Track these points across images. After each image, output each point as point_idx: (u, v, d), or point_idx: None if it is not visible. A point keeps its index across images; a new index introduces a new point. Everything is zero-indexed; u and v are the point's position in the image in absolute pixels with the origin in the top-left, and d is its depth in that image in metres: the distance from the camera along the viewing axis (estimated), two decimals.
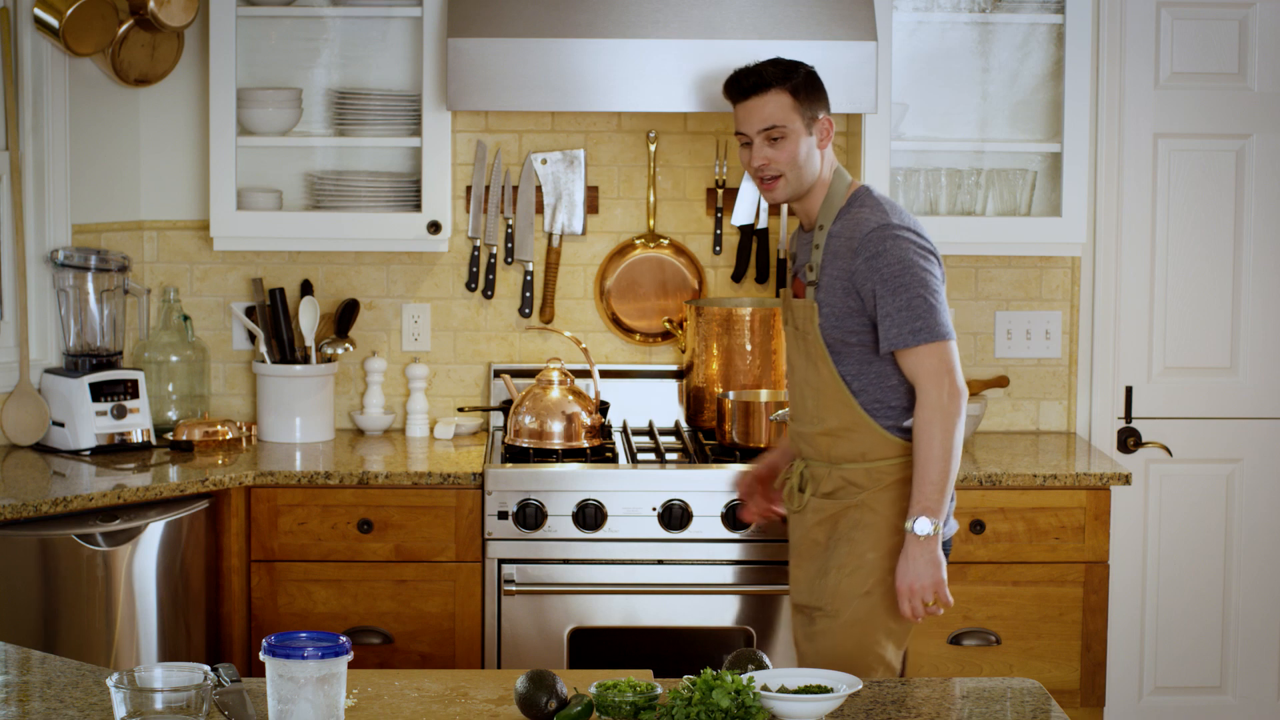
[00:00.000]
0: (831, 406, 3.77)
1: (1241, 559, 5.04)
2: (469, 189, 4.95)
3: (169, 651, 4.28)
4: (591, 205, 5.00)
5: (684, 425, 4.87)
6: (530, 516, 4.35)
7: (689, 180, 5.00)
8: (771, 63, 3.78)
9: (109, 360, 4.70)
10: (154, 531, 4.25)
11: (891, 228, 3.70)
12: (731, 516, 4.37)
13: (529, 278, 4.97)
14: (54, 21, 4.57)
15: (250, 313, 4.92)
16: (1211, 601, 5.04)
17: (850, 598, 3.71)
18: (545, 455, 4.50)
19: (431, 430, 4.95)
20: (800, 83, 3.76)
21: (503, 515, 4.37)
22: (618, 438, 4.75)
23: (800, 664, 3.80)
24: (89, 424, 4.59)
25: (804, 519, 3.83)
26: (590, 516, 4.37)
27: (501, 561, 4.38)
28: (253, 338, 4.92)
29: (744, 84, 3.78)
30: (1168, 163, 4.98)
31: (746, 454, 4.52)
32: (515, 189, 4.95)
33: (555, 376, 4.58)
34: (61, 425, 4.62)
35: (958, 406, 3.67)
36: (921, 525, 3.62)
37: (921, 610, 3.66)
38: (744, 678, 2.63)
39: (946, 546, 3.74)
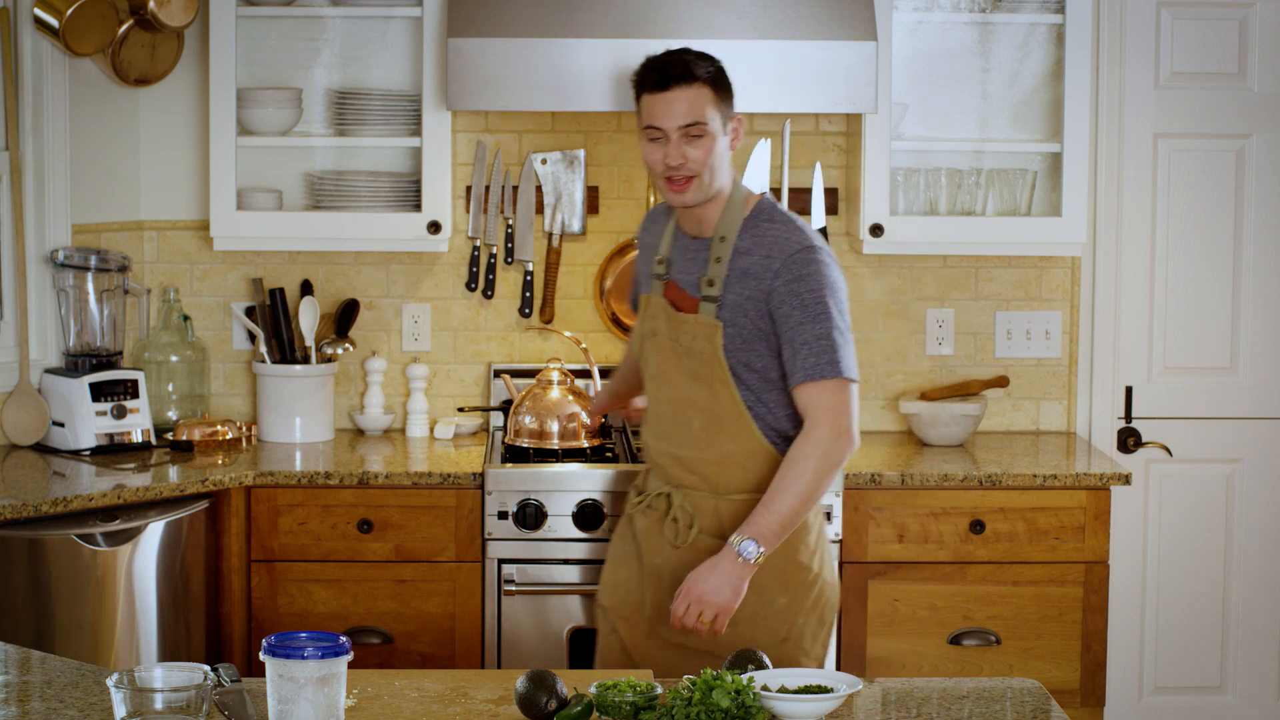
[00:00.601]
0: (729, 432, 3.56)
1: (1241, 559, 5.04)
2: (469, 189, 4.95)
3: (169, 651, 4.28)
4: (591, 205, 4.99)
5: None
6: (530, 516, 4.35)
7: None
8: (690, 53, 3.54)
9: (109, 360, 4.70)
10: (154, 531, 4.25)
11: (815, 250, 3.51)
12: None
13: (529, 278, 4.97)
14: (54, 21, 4.57)
15: (250, 313, 4.92)
16: (1211, 601, 5.04)
17: (767, 648, 3.49)
18: (545, 455, 4.50)
19: (431, 430, 4.95)
20: (719, 77, 3.54)
21: (503, 515, 4.37)
22: (618, 438, 4.75)
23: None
24: (89, 424, 4.59)
25: (683, 555, 3.60)
26: (590, 516, 4.36)
27: (501, 561, 4.38)
28: (253, 338, 4.92)
29: (668, 73, 3.50)
30: (1168, 163, 4.98)
31: None
32: (515, 189, 4.95)
33: (555, 376, 4.58)
34: (61, 425, 4.62)
35: (842, 454, 3.48)
36: (747, 549, 3.43)
37: (692, 622, 3.45)
38: (744, 678, 2.63)
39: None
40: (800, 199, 4.96)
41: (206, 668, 2.52)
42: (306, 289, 4.92)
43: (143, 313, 4.91)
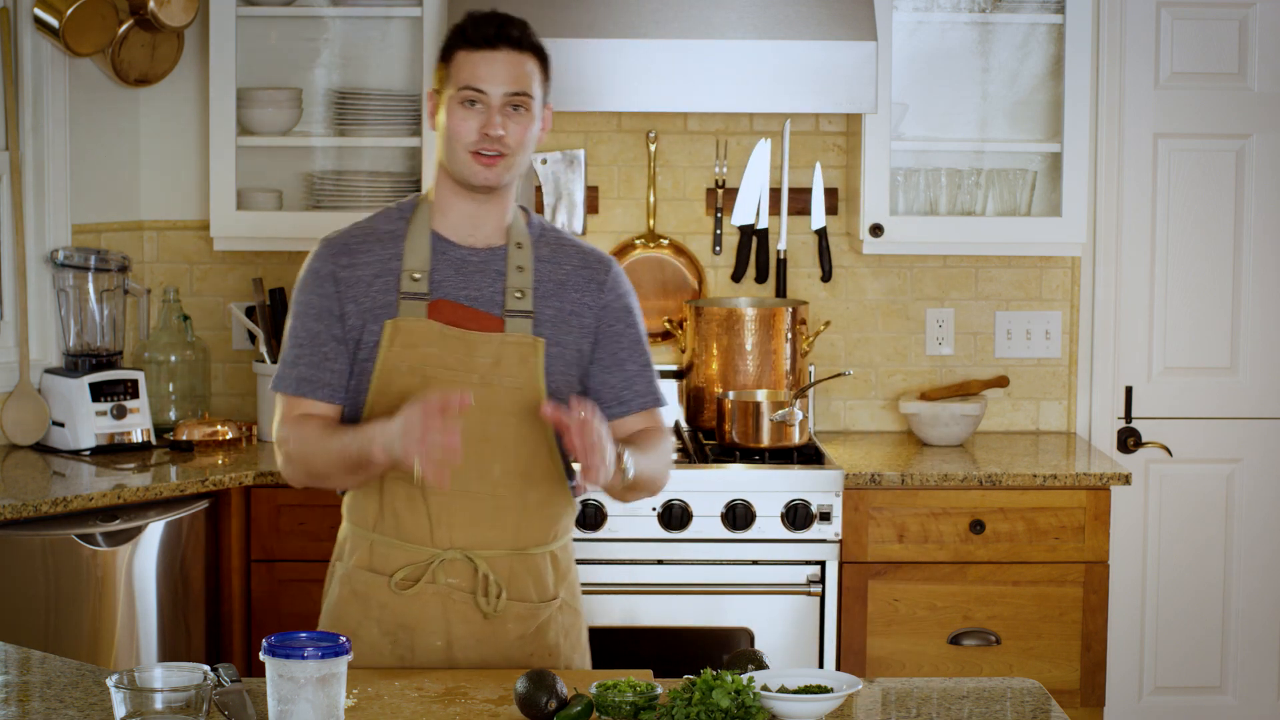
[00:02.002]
0: (534, 476, 3.07)
1: (1241, 559, 5.04)
2: None
3: (169, 651, 4.28)
4: (591, 205, 5.00)
5: (684, 425, 4.87)
6: (588, 516, 4.34)
7: (689, 180, 5.00)
8: (520, 19, 3.10)
9: (109, 360, 4.70)
10: (154, 531, 4.25)
11: (618, 263, 3.21)
12: (732, 516, 4.37)
13: None
14: (54, 21, 4.57)
15: (250, 313, 4.91)
16: (1211, 601, 5.04)
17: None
18: None
19: None
20: (545, 54, 3.11)
21: None
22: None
23: None
24: (89, 424, 4.59)
25: (500, 629, 3.09)
26: (590, 516, 4.36)
27: None
28: (253, 338, 4.92)
29: (503, 29, 3.04)
30: (1168, 163, 4.98)
31: (746, 454, 4.52)
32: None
33: None
34: (61, 425, 4.62)
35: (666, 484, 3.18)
36: (627, 462, 2.99)
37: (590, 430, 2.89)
38: (744, 678, 2.63)
39: None
40: (800, 199, 4.97)
41: (206, 668, 2.51)
42: None
43: (143, 313, 4.91)
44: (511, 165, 3.05)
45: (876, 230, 4.71)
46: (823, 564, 4.39)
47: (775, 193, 4.94)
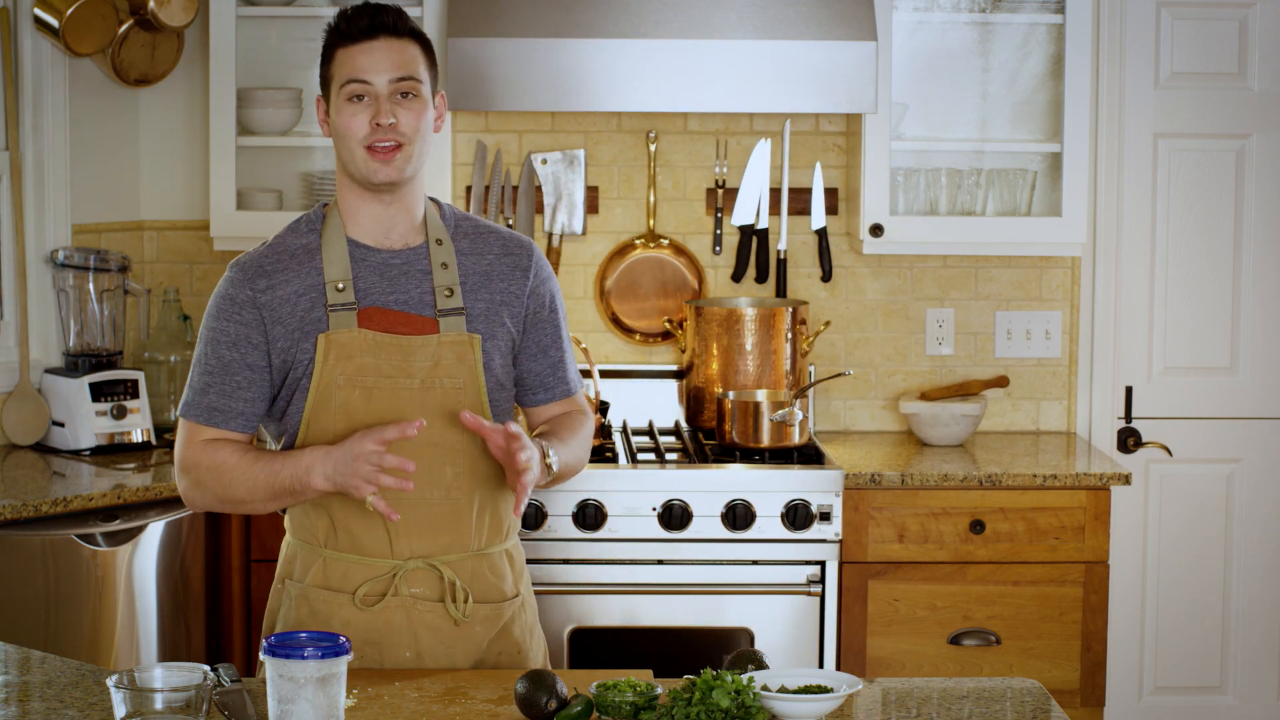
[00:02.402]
0: (484, 474, 3.04)
1: (1241, 559, 5.04)
2: (469, 189, 4.95)
3: (169, 651, 4.28)
4: (591, 205, 5.00)
5: (684, 425, 4.87)
6: (530, 516, 4.35)
7: (689, 180, 5.00)
8: (394, 6, 3.03)
9: (109, 360, 4.70)
10: (154, 531, 4.25)
11: (538, 247, 3.19)
12: (732, 516, 4.37)
13: None
14: (54, 21, 4.57)
15: None
16: (1211, 601, 5.04)
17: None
18: None
19: None
20: (426, 40, 3.05)
21: None
22: (617, 438, 4.75)
23: None
24: (89, 424, 4.59)
25: (468, 633, 3.06)
26: (590, 516, 4.36)
27: None
28: None
29: (377, 18, 2.97)
30: (1168, 163, 4.98)
31: (746, 454, 4.52)
32: (515, 189, 4.95)
33: None
34: (61, 425, 4.62)
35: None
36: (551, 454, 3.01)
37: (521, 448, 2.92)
38: (744, 678, 2.63)
39: None
40: (800, 199, 4.97)
41: (206, 668, 2.51)
42: None
43: (143, 313, 4.91)
44: (410, 155, 2.98)
45: (876, 230, 4.71)
46: (823, 564, 4.39)
47: (775, 193, 4.94)
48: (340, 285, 3.00)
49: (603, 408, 4.62)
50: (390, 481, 2.86)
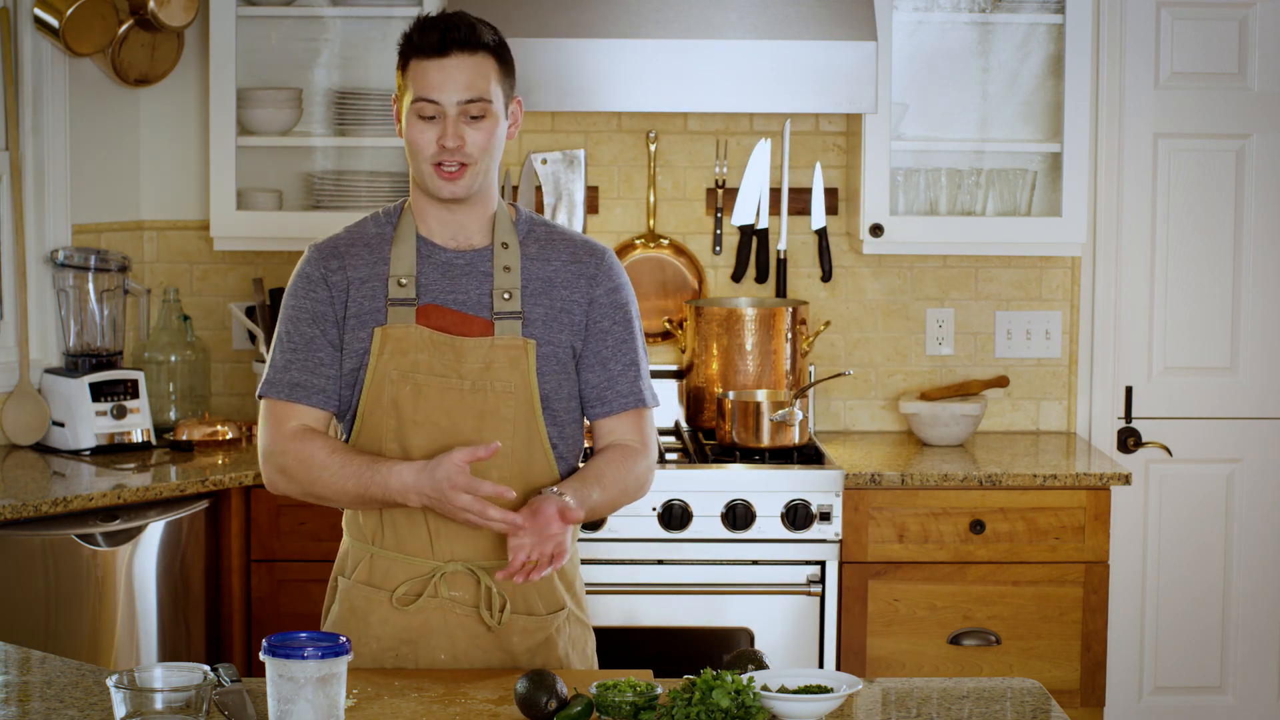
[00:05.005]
0: (535, 477, 3.01)
1: (1241, 559, 5.04)
2: None
3: (169, 651, 4.28)
4: (591, 205, 5.00)
5: (684, 425, 4.87)
6: None
7: (689, 180, 5.00)
8: (470, 15, 2.99)
9: (109, 360, 4.70)
10: (154, 531, 4.25)
11: (612, 254, 3.09)
12: (732, 516, 4.37)
13: None
14: (54, 21, 4.57)
15: (250, 313, 4.92)
16: (1211, 601, 5.04)
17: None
18: None
19: None
20: (503, 48, 3.00)
21: None
22: None
23: None
24: (89, 424, 4.59)
25: (505, 642, 3.04)
26: None
27: None
28: (253, 338, 4.92)
29: (450, 35, 2.93)
30: (1168, 163, 4.98)
31: (746, 454, 4.52)
32: (515, 189, 4.95)
33: None
34: (61, 425, 4.62)
35: (649, 488, 3.10)
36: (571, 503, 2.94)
37: (534, 560, 2.89)
38: (744, 678, 2.63)
39: None
40: (800, 199, 4.97)
41: (206, 668, 2.51)
42: None
43: (143, 313, 4.91)
44: (478, 174, 2.98)
45: (876, 230, 4.71)
46: (823, 564, 4.39)
47: (775, 193, 4.94)
48: (403, 280, 3.01)
49: None
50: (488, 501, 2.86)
